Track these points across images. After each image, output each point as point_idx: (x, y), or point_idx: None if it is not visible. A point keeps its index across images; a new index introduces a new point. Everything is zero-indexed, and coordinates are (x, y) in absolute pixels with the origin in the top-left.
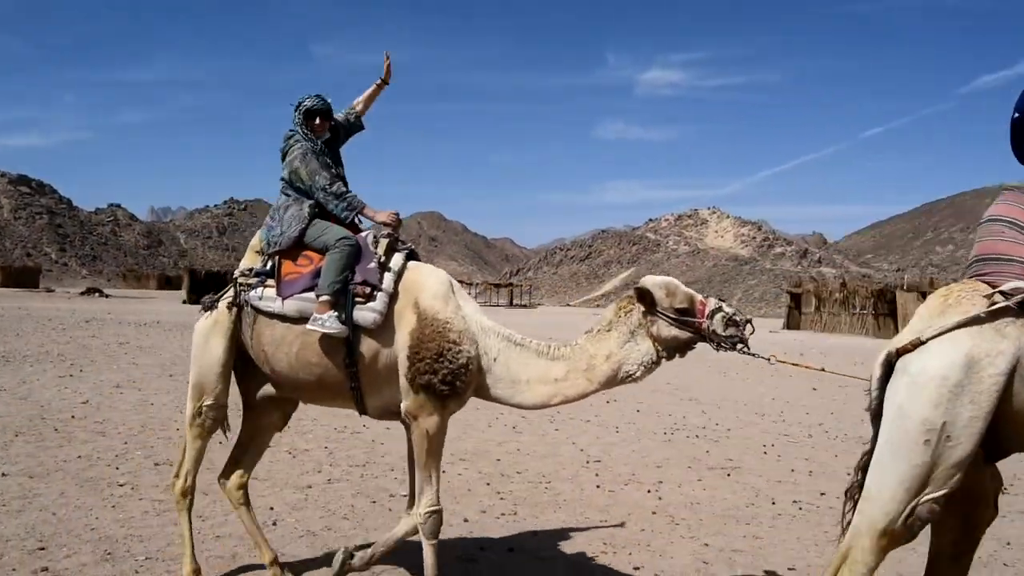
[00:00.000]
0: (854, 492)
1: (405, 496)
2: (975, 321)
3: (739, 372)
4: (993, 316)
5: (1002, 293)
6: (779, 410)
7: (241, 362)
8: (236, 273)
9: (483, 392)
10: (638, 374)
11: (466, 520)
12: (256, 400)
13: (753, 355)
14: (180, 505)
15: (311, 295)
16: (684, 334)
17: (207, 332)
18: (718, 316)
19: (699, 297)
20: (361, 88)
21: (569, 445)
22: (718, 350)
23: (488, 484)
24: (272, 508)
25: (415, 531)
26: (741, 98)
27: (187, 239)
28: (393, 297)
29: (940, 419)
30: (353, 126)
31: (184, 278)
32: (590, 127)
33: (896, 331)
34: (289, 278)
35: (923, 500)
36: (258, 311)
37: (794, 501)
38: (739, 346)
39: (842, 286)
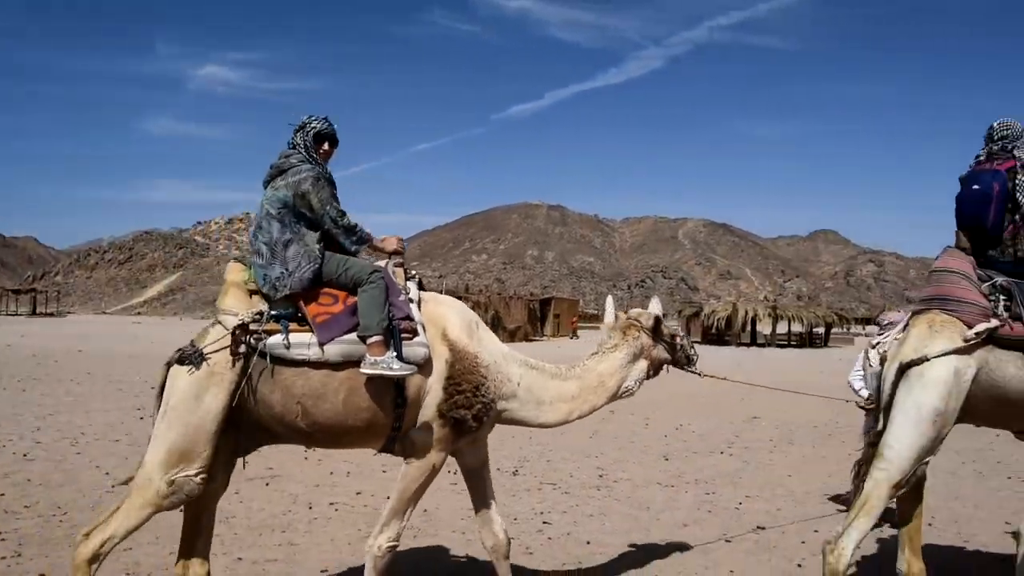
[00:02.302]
0: (861, 465)
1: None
2: (960, 349)
3: None
4: (969, 345)
5: (976, 333)
6: None
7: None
8: (238, 319)
9: (507, 417)
10: (636, 389)
11: None
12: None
13: (695, 372)
14: (81, 573)
15: (353, 336)
16: (669, 357)
17: (199, 387)
18: (684, 342)
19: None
20: None
21: (92, 470)
22: (681, 368)
23: None
24: None
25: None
26: (295, 103)
27: None
28: (424, 328)
29: (942, 408)
30: None
31: None
32: (135, 119)
33: None
34: (321, 320)
35: (924, 462)
36: (282, 360)
37: (331, 503)
38: (695, 367)
39: None
